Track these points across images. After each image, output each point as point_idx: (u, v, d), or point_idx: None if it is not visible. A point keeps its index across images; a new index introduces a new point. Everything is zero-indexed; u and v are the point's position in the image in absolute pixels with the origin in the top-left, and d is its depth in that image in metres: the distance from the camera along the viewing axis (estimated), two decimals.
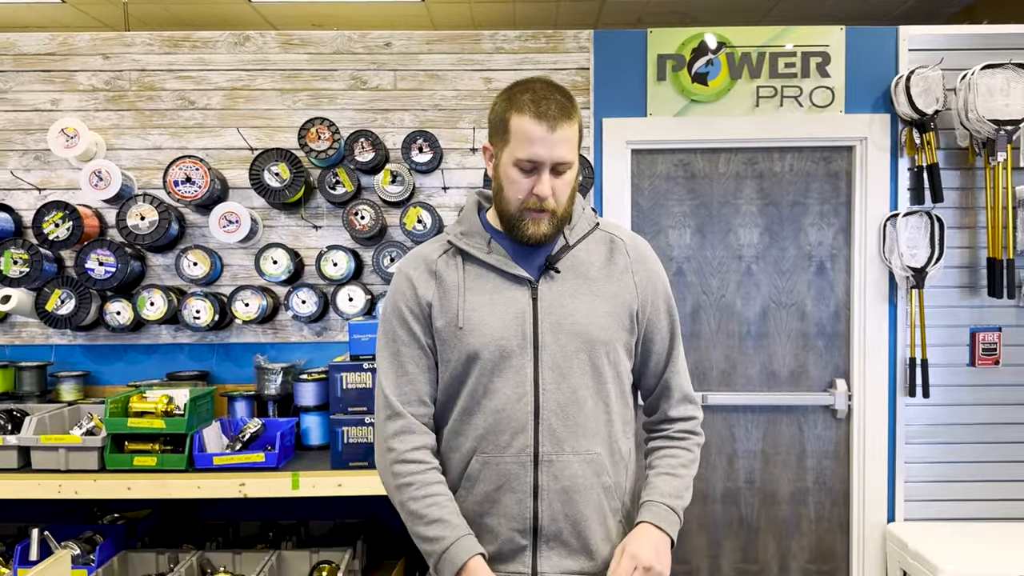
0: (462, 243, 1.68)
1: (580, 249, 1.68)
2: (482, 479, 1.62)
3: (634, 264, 1.70)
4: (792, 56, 3.21)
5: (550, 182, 1.57)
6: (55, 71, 3.23)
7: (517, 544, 1.62)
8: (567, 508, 1.61)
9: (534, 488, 1.60)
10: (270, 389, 3.09)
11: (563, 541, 1.62)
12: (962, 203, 3.23)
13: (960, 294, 3.25)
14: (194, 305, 3.11)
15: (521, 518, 1.60)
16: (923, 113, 3.10)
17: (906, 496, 3.26)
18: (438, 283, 1.66)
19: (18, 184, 3.22)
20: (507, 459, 1.60)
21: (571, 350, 1.61)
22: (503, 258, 1.65)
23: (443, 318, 1.63)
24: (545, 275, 1.65)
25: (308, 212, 3.25)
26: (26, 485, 2.68)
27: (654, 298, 1.71)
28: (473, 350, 1.61)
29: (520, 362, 1.60)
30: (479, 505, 1.63)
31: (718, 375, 3.35)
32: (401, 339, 1.66)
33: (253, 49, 3.24)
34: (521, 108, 1.56)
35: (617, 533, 1.67)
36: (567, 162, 1.58)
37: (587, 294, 1.64)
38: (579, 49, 3.23)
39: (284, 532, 3.18)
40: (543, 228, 1.60)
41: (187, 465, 2.70)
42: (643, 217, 3.32)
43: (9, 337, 3.26)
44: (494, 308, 1.63)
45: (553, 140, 1.55)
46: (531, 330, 1.61)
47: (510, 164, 1.58)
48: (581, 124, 1.62)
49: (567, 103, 1.58)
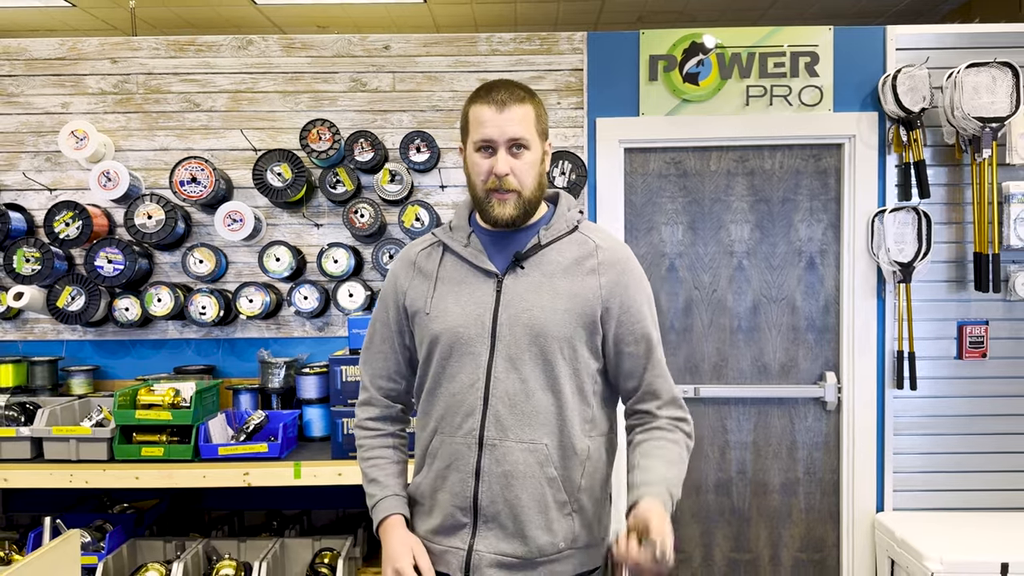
0: (445, 237, 1.80)
1: (552, 249, 1.75)
2: (438, 456, 1.73)
3: (602, 266, 1.73)
4: (781, 56, 3.28)
5: (508, 161, 1.66)
6: (65, 75, 3.34)
7: (458, 521, 1.71)
8: (506, 492, 1.67)
9: (476, 470, 1.68)
10: (273, 382, 3.19)
11: (500, 524, 1.68)
12: (949, 199, 3.30)
13: (947, 288, 3.31)
14: (200, 301, 3.21)
15: (463, 496, 1.70)
16: (910, 111, 3.16)
17: (894, 486, 3.33)
18: (416, 273, 1.80)
19: (30, 185, 3.33)
20: (457, 440, 1.70)
21: (524, 343, 1.68)
22: (477, 252, 1.75)
23: (415, 305, 1.77)
24: (511, 270, 1.73)
25: (310, 211, 3.34)
26: (39, 475, 2.78)
27: (623, 300, 1.73)
28: (434, 335, 1.73)
29: (478, 350, 1.69)
30: (434, 480, 1.74)
31: (710, 368, 3.42)
32: (380, 320, 1.85)
33: (256, 52, 3.33)
34: (475, 98, 1.70)
35: (561, 527, 1.69)
36: (520, 139, 1.66)
37: (548, 291, 1.70)
38: (573, 50, 3.31)
39: (287, 521, 3.28)
40: (509, 209, 1.69)
41: (193, 455, 2.80)
42: (636, 214, 3.40)
43: (22, 333, 3.37)
44: (459, 298, 1.73)
45: (503, 119, 1.65)
46: (490, 321, 1.70)
47: (472, 151, 1.70)
48: (542, 115, 1.72)
49: (520, 91, 1.69)
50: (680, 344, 3.42)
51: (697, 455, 3.43)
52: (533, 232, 1.76)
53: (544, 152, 1.74)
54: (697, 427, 3.39)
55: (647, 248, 3.40)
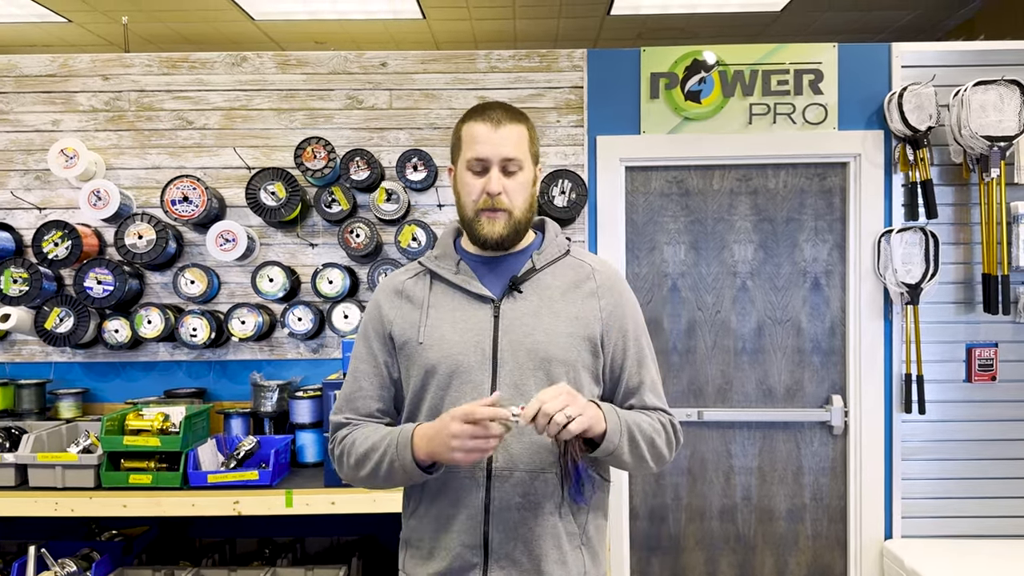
0: (432, 264, 1.74)
1: (547, 273, 1.70)
2: (439, 495, 1.64)
3: (600, 289, 1.70)
4: (785, 73, 3.23)
5: (500, 180, 1.62)
6: (56, 92, 3.28)
7: (467, 562, 1.61)
8: (520, 527, 1.59)
9: (486, 505, 1.60)
10: (266, 406, 3.11)
11: (514, 561, 1.60)
12: (956, 219, 3.24)
13: (956, 310, 3.25)
14: (191, 323, 3.14)
15: (472, 534, 1.60)
16: (916, 129, 3.10)
17: (903, 513, 3.24)
18: (403, 303, 1.71)
19: (19, 204, 3.26)
20: (462, 474, 1.61)
21: (529, 368, 1.61)
22: (469, 278, 1.69)
23: (405, 335, 1.68)
24: (508, 295, 1.67)
25: (304, 230, 3.27)
26: (23, 503, 2.70)
27: (621, 323, 1.70)
28: (431, 364, 1.64)
29: (479, 378, 1.61)
30: (435, 520, 1.64)
31: (714, 391, 3.35)
32: (360, 356, 1.74)
33: (250, 69, 3.28)
34: (469, 116, 1.67)
35: (574, 559, 1.63)
36: (514, 159, 1.62)
37: (548, 314, 1.65)
38: (573, 68, 3.25)
39: (280, 550, 3.19)
40: (498, 228, 1.64)
41: (182, 483, 2.72)
42: (637, 234, 3.34)
43: (9, 355, 3.29)
44: (455, 325, 1.66)
45: (497, 138, 1.61)
46: (490, 347, 1.63)
47: (464, 169, 1.65)
48: (534, 137, 1.69)
49: (514, 111, 1.67)
50: (683, 366, 3.34)
51: (701, 480, 3.35)
52: (524, 257, 1.72)
53: (536, 175, 1.70)
54: (701, 451, 3.34)
55: (649, 268, 3.33)
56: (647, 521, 3.37)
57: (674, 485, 3.36)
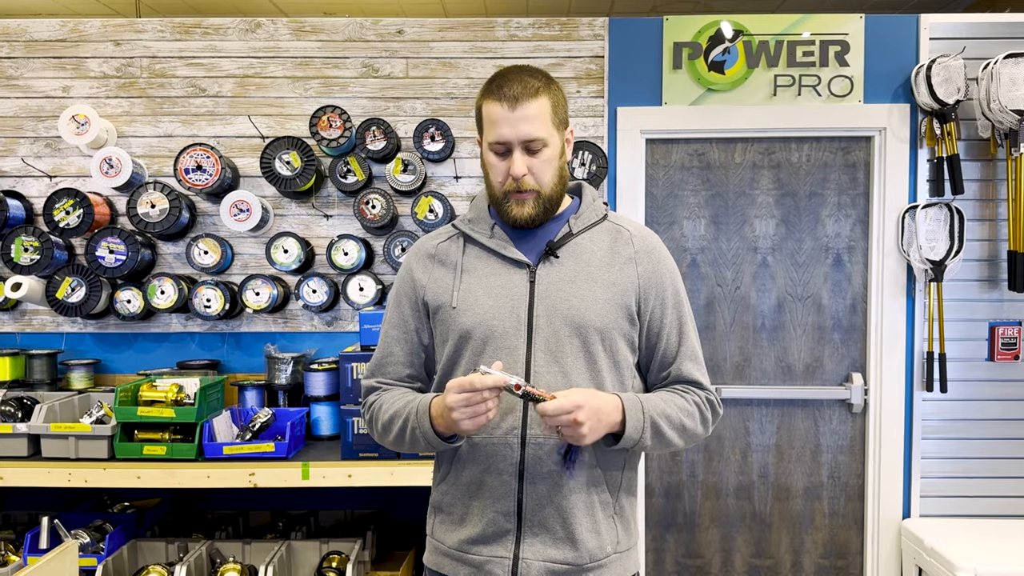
0: (466, 228, 1.70)
1: (584, 238, 1.67)
2: (472, 460, 1.61)
3: (638, 255, 1.67)
4: (811, 44, 3.16)
5: (524, 161, 1.57)
6: (66, 58, 3.21)
7: (501, 527, 1.59)
8: (553, 494, 1.57)
9: (520, 471, 1.57)
10: (280, 379, 3.07)
11: (548, 528, 1.58)
12: (983, 195, 3.18)
13: (980, 287, 3.20)
14: (205, 294, 3.10)
15: (505, 500, 1.58)
16: (944, 103, 3.04)
17: (922, 492, 3.21)
18: (436, 267, 1.69)
19: (29, 171, 3.21)
20: (495, 439, 1.58)
21: (564, 335, 1.58)
22: (504, 242, 1.65)
23: (439, 299, 1.66)
24: (544, 260, 1.63)
25: (319, 201, 3.22)
26: (36, 473, 2.67)
27: (659, 291, 1.66)
28: (465, 329, 1.61)
29: (513, 343, 1.59)
30: (467, 486, 1.62)
31: (732, 368, 3.31)
32: (391, 321, 1.73)
33: (264, 36, 3.21)
34: (487, 94, 1.59)
35: (607, 529, 1.61)
36: (536, 138, 1.56)
37: (585, 280, 1.62)
38: (594, 37, 3.18)
39: (294, 522, 3.17)
40: (527, 209, 1.60)
41: (197, 454, 2.69)
42: (657, 207, 3.28)
43: (20, 325, 3.25)
44: (490, 290, 1.62)
45: (515, 118, 1.54)
46: (526, 313, 1.60)
47: (488, 150, 1.60)
48: (559, 103, 1.61)
49: (535, 82, 1.57)
50: (701, 342, 3.28)
51: (718, 457, 3.32)
52: (561, 222, 1.68)
53: (564, 142, 1.64)
54: (718, 429, 3.31)
55: (668, 243, 3.28)
56: (663, 498, 3.34)
57: (690, 462, 3.33)
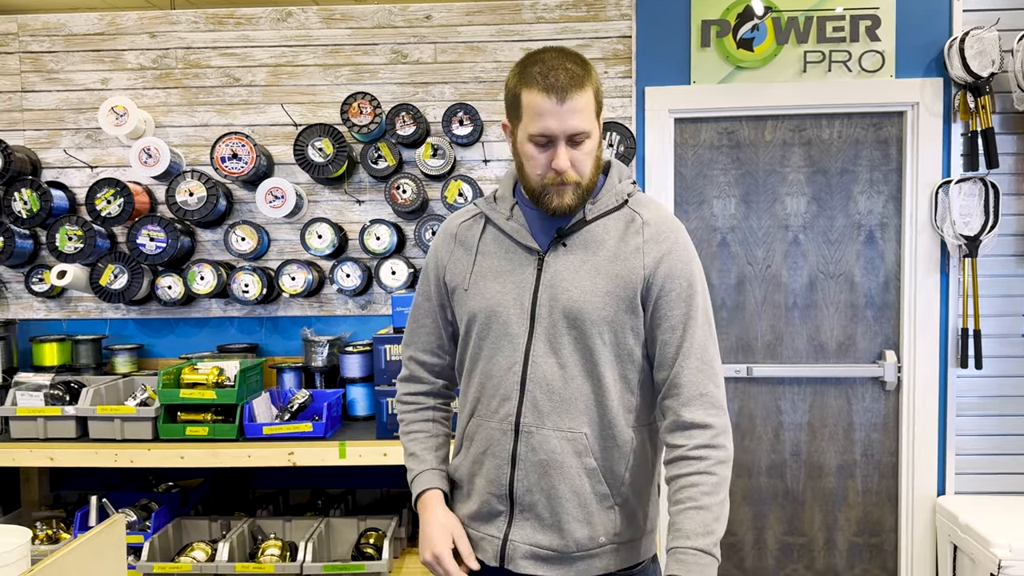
0: (487, 208, 1.70)
1: (597, 225, 1.61)
2: (475, 440, 1.66)
3: (647, 244, 1.58)
4: (840, 20, 3.13)
5: (567, 154, 1.52)
6: (104, 51, 3.30)
7: (494, 508, 1.64)
8: (542, 482, 1.59)
9: (512, 457, 1.60)
10: (317, 361, 3.14)
11: (536, 514, 1.60)
12: (1018, 169, 3.13)
13: (1016, 263, 3.16)
14: (243, 279, 3.17)
15: (498, 484, 1.62)
16: (978, 76, 3.00)
17: (957, 469, 3.20)
18: (457, 247, 1.71)
19: (71, 162, 3.30)
20: (492, 424, 1.62)
21: (563, 326, 1.57)
22: (519, 227, 1.64)
23: (455, 280, 1.69)
24: (553, 247, 1.62)
25: (351, 187, 3.27)
26: (84, 454, 2.77)
27: (665, 281, 1.57)
28: (472, 313, 1.64)
29: (516, 331, 1.60)
30: (471, 465, 1.67)
31: (763, 347, 3.31)
32: (422, 293, 1.78)
33: (295, 25, 3.26)
34: (530, 82, 1.51)
35: (602, 520, 1.60)
36: (582, 132, 1.52)
37: (589, 271, 1.58)
38: (621, 16, 3.18)
39: (332, 501, 3.25)
40: (567, 199, 1.56)
41: (238, 435, 2.77)
42: (686, 187, 3.28)
43: (66, 311, 3.36)
44: (499, 274, 1.63)
45: (564, 112, 1.49)
46: (530, 301, 1.59)
47: (526, 140, 1.55)
48: (599, 90, 1.56)
49: (578, 71, 1.51)
50: (732, 322, 3.30)
51: (749, 436, 3.33)
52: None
53: (600, 131, 1.61)
54: (750, 407, 3.32)
55: (698, 222, 3.29)
56: None
57: None
